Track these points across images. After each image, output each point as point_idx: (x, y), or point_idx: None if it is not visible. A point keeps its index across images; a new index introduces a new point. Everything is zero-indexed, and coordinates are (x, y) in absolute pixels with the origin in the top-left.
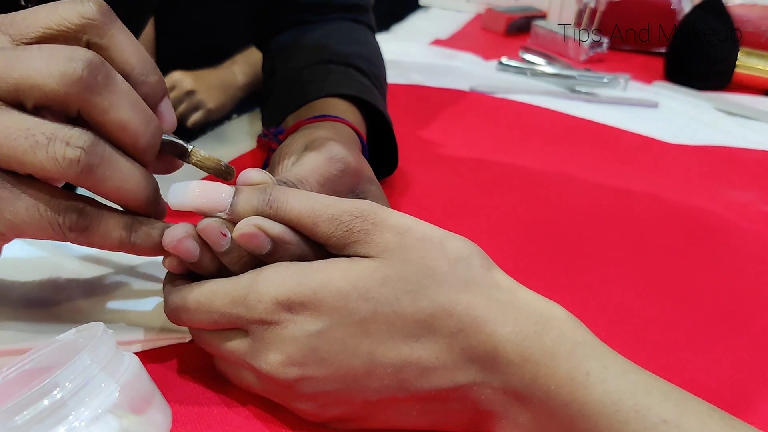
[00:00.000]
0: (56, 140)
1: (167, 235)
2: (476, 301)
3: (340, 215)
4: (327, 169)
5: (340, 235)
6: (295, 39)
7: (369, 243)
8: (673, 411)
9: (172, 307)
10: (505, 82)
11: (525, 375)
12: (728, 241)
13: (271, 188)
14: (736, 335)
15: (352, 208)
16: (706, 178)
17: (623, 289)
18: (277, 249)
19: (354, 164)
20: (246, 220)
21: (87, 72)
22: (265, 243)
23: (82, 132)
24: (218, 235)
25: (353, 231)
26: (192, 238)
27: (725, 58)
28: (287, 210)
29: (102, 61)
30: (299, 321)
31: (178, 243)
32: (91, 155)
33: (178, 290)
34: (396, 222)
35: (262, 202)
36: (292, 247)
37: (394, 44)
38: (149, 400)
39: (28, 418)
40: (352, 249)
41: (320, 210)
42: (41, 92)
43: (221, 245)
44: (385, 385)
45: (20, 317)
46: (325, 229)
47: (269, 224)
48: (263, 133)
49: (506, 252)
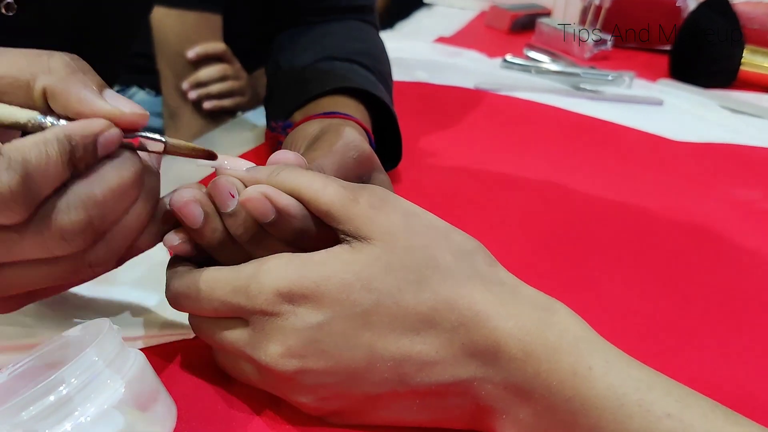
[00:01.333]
0: None
1: (176, 195)
2: (479, 296)
3: (348, 185)
4: (343, 154)
5: (345, 203)
6: (299, 36)
7: (373, 220)
8: (676, 405)
9: (173, 292)
10: (509, 80)
11: (527, 370)
12: (733, 239)
13: (288, 165)
14: (741, 333)
15: (362, 184)
16: (710, 175)
17: (627, 287)
18: (280, 220)
19: (367, 151)
20: (255, 187)
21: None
22: (269, 211)
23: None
24: (227, 194)
25: (358, 201)
26: (198, 203)
27: (730, 56)
28: (296, 177)
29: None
30: (300, 312)
31: (184, 205)
32: None
33: (180, 275)
34: (404, 204)
35: (276, 172)
36: (296, 221)
37: (398, 42)
38: (154, 397)
39: (34, 413)
40: (353, 223)
41: (331, 178)
42: None
43: (227, 205)
44: (385, 378)
45: (26, 313)
46: (332, 193)
47: (277, 194)
48: (271, 126)
49: (509, 248)
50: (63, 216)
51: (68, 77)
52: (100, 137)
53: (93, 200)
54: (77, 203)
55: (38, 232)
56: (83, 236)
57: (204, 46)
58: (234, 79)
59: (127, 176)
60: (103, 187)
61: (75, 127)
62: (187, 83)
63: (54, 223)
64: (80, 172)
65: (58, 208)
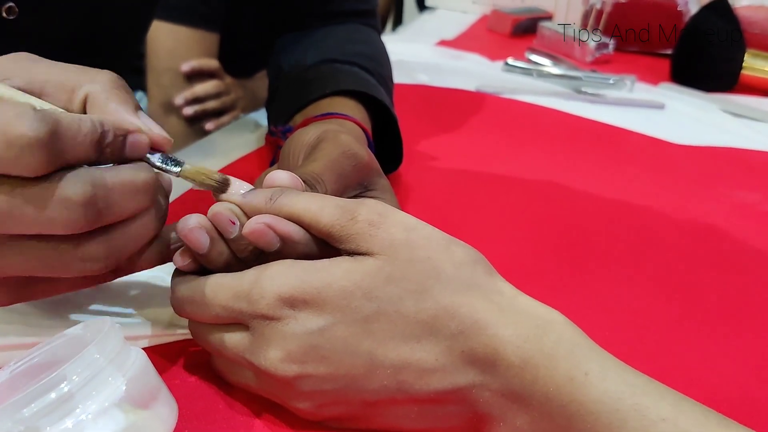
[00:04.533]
0: None
1: (182, 222)
2: (478, 305)
3: (345, 204)
4: (341, 165)
5: (344, 222)
6: (301, 39)
7: (374, 236)
8: (671, 410)
9: (178, 297)
10: (511, 83)
11: (525, 377)
12: (734, 242)
13: (283, 188)
14: (742, 337)
15: (358, 200)
16: (712, 179)
17: (629, 290)
18: (285, 246)
19: (366, 158)
20: (256, 218)
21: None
22: (273, 240)
23: None
24: (227, 222)
25: (357, 220)
26: (203, 229)
27: (731, 60)
28: (294, 203)
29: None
30: (301, 318)
31: (190, 232)
32: None
33: (186, 282)
34: (403, 219)
35: (274, 198)
36: (300, 246)
37: (400, 45)
38: (155, 395)
39: (35, 410)
40: (354, 241)
41: (327, 199)
42: None
43: (230, 232)
44: (384, 385)
45: (28, 312)
46: (331, 214)
47: (279, 222)
48: (271, 131)
49: (510, 251)
50: (70, 184)
51: (110, 90)
52: (130, 136)
53: (102, 181)
54: (86, 177)
55: (42, 194)
56: (84, 211)
57: (199, 61)
58: (227, 95)
59: (140, 180)
60: (115, 177)
61: (109, 118)
62: (181, 98)
63: (60, 188)
64: (102, 162)
65: (68, 177)
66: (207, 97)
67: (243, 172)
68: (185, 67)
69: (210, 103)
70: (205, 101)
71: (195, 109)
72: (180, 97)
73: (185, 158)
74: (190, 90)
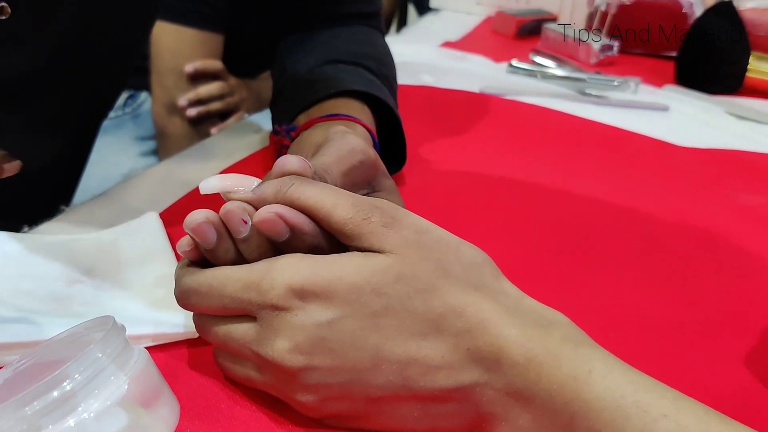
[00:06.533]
0: None
1: (189, 217)
2: (485, 304)
3: (360, 202)
4: (349, 160)
5: (357, 222)
6: (306, 40)
7: (386, 236)
8: (672, 407)
9: (183, 288)
10: (515, 85)
11: (529, 375)
12: (738, 245)
13: (295, 178)
14: (744, 339)
15: (372, 200)
16: (716, 181)
17: (632, 292)
18: (294, 237)
19: (373, 157)
20: (267, 207)
21: None
22: (283, 230)
23: None
24: (239, 221)
25: (371, 220)
26: (211, 225)
27: (736, 62)
28: (308, 196)
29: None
30: (310, 309)
31: (197, 226)
32: None
33: (191, 273)
34: (415, 221)
35: (285, 188)
36: (309, 237)
37: (404, 46)
38: (158, 394)
39: (38, 408)
40: (366, 240)
41: (342, 195)
42: None
43: (240, 231)
44: (389, 381)
45: (31, 310)
46: (344, 212)
47: (289, 212)
48: (275, 130)
49: (514, 252)
50: None
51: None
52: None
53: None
54: None
55: None
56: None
57: (202, 62)
58: (231, 96)
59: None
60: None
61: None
62: (185, 99)
63: None
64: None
65: None
66: (210, 99)
67: (246, 173)
68: (189, 68)
69: (213, 105)
70: (209, 102)
71: (198, 111)
72: (183, 99)
73: (188, 159)
74: (194, 91)
